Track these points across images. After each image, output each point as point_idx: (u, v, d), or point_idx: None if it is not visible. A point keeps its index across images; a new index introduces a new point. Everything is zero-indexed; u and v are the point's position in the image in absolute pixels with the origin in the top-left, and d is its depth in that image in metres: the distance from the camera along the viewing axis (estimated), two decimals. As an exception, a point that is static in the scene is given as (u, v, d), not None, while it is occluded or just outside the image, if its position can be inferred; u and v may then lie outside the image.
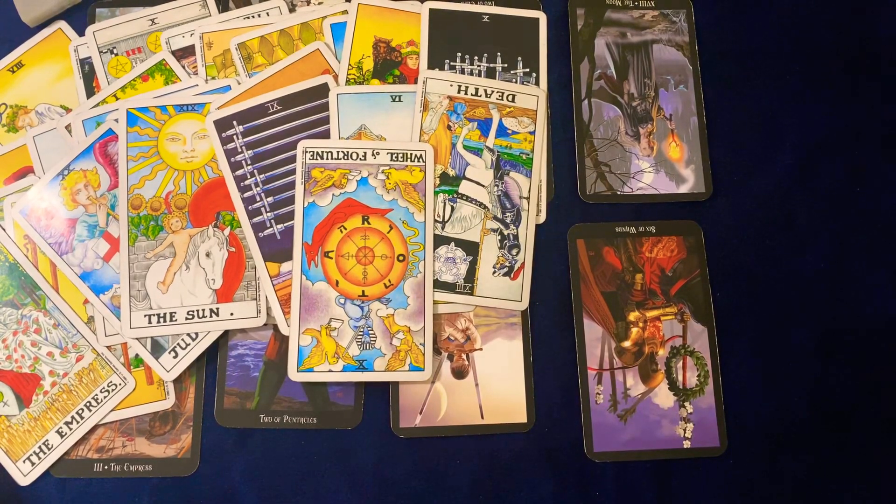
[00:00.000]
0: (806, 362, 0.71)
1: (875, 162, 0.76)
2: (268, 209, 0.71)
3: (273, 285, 0.70)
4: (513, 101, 0.74)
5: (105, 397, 0.69)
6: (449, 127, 0.73)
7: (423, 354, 0.69)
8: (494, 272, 0.71)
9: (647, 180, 0.74)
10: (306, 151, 0.71)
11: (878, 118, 0.76)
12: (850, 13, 0.79)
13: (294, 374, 0.68)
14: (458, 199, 0.72)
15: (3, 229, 0.71)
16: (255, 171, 0.71)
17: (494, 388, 0.70)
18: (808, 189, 0.75)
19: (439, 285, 0.71)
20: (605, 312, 0.71)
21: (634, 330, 0.71)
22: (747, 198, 0.75)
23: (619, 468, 0.69)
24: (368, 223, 0.71)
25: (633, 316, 0.71)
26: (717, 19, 0.78)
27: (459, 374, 0.70)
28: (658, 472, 0.69)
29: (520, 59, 0.75)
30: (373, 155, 0.72)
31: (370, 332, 0.69)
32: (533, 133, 0.73)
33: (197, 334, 0.69)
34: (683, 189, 0.74)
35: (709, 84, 0.77)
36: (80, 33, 0.77)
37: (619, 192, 0.74)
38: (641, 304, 0.71)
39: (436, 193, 0.72)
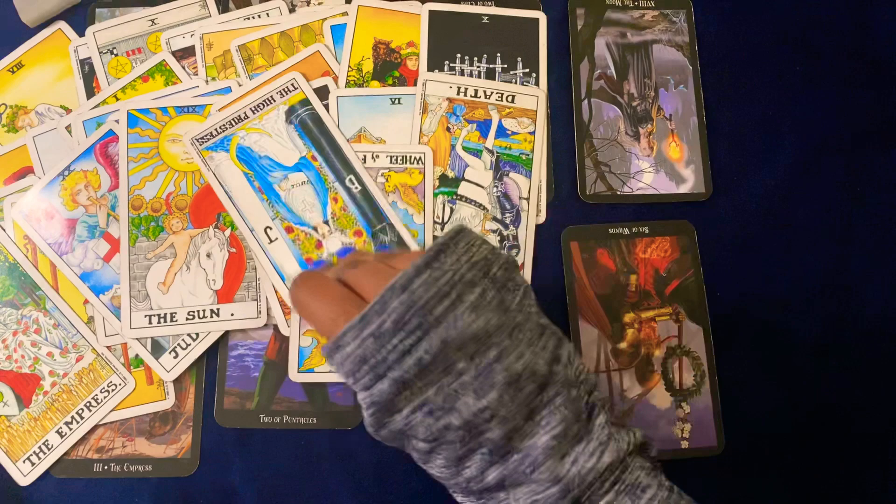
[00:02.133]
0: (804, 362, 0.71)
1: (875, 162, 0.76)
2: (268, 209, 0.71)
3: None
4: (512, 101, 0.74)
5: (105, 397, 0.69)
6: (448, 129, 0.73)
7: None
8: (494, 273, 0.71)
9: (647, 180, 0.74)
10: (307, 153, 0.72)
11: (878, 118, 0.76)
12: (850, 13, 0.79)
13: (294, 375, 0.69)
14: (457, 201, 0.72)
15: (3, 229, 0.71)
16: (255, 171, 0.72)
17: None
18: (808, 189, 0.75)
19: (439, 286, 0.70)
20: (601, 314, 0.71)
21: (630, 331, 0.71)
22: (747, 198, 0.75)
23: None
24: (368, 223, 0.71)
25: (628, 317, 0.71)
26: (717, 19, 0.78)
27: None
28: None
29: (519, 59, 0.75)
30: (372, 158, 0.72)
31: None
32: (533, 133, 0.73)
33: (197, 334, 0.70)
34: (683, 189, 0.74)
35: (709, 84, 0.77)
36: (80, 33, 0.77)
37: (619, 192, 0.74)
38: (636, 306, 0.71)
39: (435, 195, 0.72)
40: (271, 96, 0.72)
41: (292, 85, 0.72)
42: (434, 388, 0.46)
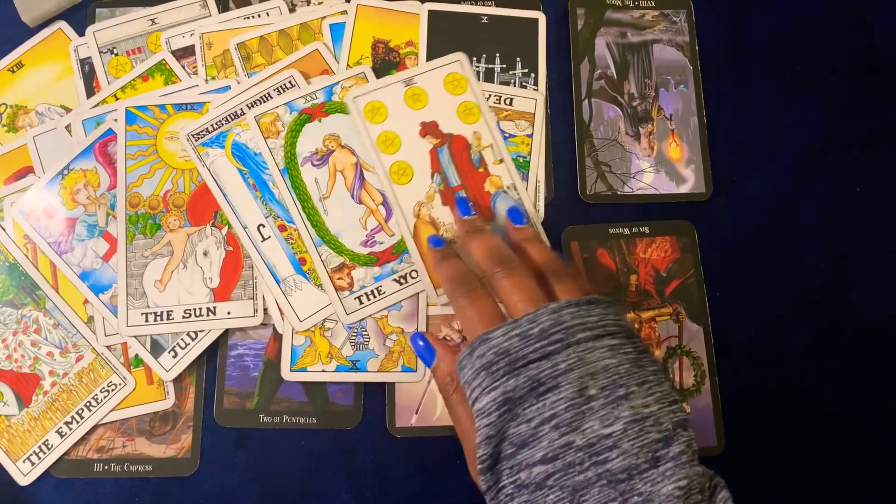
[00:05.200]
0: (804, 362, 0.71)
1: (875, 162, 0.75)
2: (265, 209, 0.71)
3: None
4: (510, 104, 0.74)
5: (105, 397, 0.69)
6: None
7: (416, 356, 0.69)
8: (489, 273, 0.71)
9: (647, 180, 0.74)
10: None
11: (878, 118, 0.76)
12: (851, 13, 0.79)
13: (287, 374, 0.69)
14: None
15: (3, 229, 0.71)
16: (252, 171, 0.72)
17: (491, 388, 0.70)
18: (808, 189, 0.75)
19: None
20: (601, 315, 0.71)
21: (630, 331, 0.71)
22: (747, 198, 0.74)
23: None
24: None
25: (628, 317, 0.71)
26: (717, 19, 0.78)
27: (455, 374, 0.70)
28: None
29: (519, 59, 0.75)
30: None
31: (364, 332, 0.69)
32: (530, 136, 0.73)
33: (196, 334, 0.70)
34: (684, 189, 0.74)
35: (709, 84, 0.77)
36: (80, 33, 0.77)
37: (619, 192, 0.74)
38: (637, 306, 0.71)
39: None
40: (268, 93, 0.72)
41: (290, 82, 0.72)
42: (566, 403, 0.48)
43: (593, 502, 0.47)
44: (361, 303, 0.69)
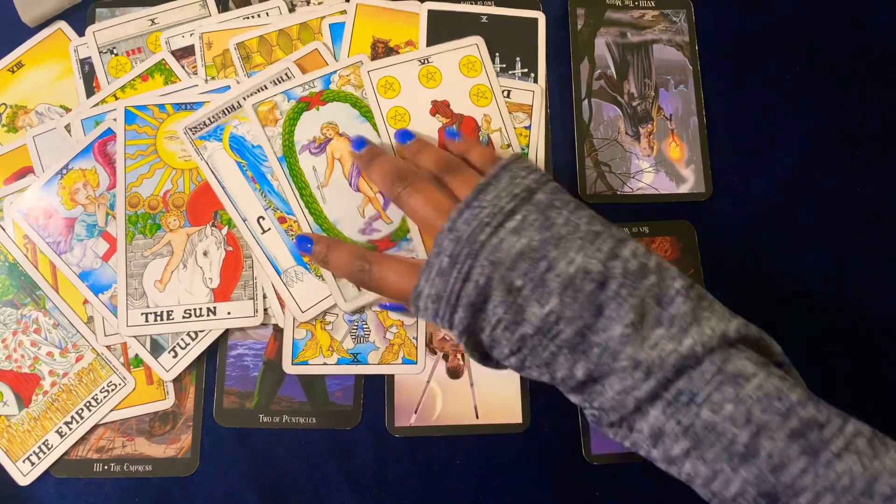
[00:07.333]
0: (804, 361, 0.71)
1: (875, 162, 0.75)
2: (265, 208, 0.71)
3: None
4: (508, 96, 0.73)
5: (105, 397, 0.69)
6: (445, 126, 0.73)
7: (416, 348, 0.70)
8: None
9: (647, 180, 0.74)
10: (304, 151, 0.72)
11: (878, 118, 0.76)
12: (851, 13, 0.79)
13: (288, 367, 0.69)
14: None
15: (3, 229, 0.71)
16: (253, 170, 0.72)
17: (490, 388, 0.70)
18: (808, 189, 0.75)
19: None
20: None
21: (630, 330, 0.71)
22: (747, 198, 0.74)
23: (618, 470, 0.69)
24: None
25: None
26: (717, 19, 0.78)
27: (454, 373, 0.70)
28: (657, 473, 0.69)
29: (518, 59, 0.75)
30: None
31: (364, 326, 0.69)
32: (528, 128, 0.73)
33: (196, 334, 0.69)
34: (683, 189, 0.74)
35: (709, 84, 0.77)
36: (80, 33, 0.77)
37: (619, 192, 0.74)
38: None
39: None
40: (264, 85, 0.72)
41: (286, 74, 0.72)
42: (503, 307, 0.51)
43: (564, 368, 0.52)
44: (360, 290, 0.69)
